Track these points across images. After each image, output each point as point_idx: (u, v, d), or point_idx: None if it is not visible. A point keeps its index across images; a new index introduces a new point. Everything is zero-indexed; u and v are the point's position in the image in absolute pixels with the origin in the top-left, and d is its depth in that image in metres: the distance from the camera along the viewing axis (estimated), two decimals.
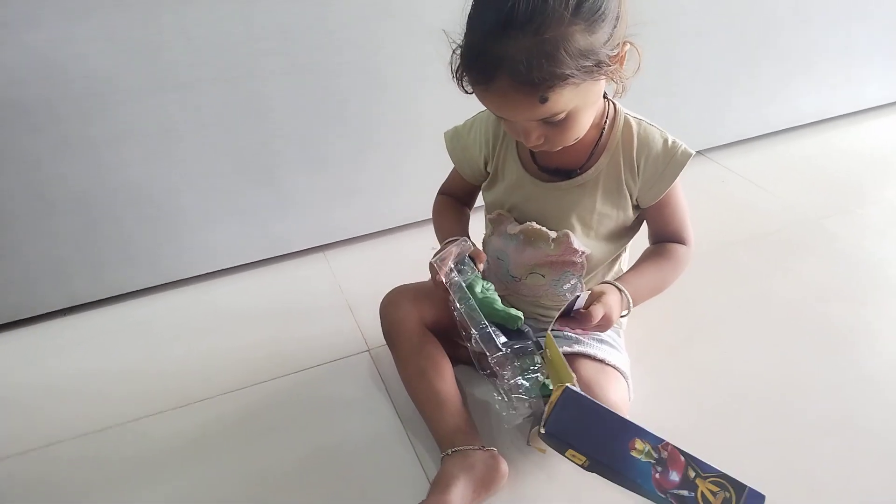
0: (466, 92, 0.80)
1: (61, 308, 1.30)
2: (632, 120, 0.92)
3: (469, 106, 1.00)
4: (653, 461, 0.73)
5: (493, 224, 1.00)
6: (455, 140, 1.01)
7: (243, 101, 1.23)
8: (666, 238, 0.97)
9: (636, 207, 0.95)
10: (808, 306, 1.18)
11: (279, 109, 1.26)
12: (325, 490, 0.91)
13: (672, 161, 0.90)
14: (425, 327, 1.00)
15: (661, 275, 0.95)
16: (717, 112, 1.70)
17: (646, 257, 0.97)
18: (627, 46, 0.78)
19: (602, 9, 0.73)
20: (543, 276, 0.97)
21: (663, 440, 0.75)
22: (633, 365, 1.01)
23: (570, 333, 0.94)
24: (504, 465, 0.89)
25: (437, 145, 1.04)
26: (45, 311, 1.29)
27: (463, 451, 0.89)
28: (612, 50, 0.76)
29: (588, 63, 0.73)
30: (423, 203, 1.11)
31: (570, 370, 0.79)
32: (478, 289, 0.88)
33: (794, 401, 1.00)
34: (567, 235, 0.92)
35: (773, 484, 0.86)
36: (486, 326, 0.84)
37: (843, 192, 1.53)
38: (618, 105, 0.93)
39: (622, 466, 0.73)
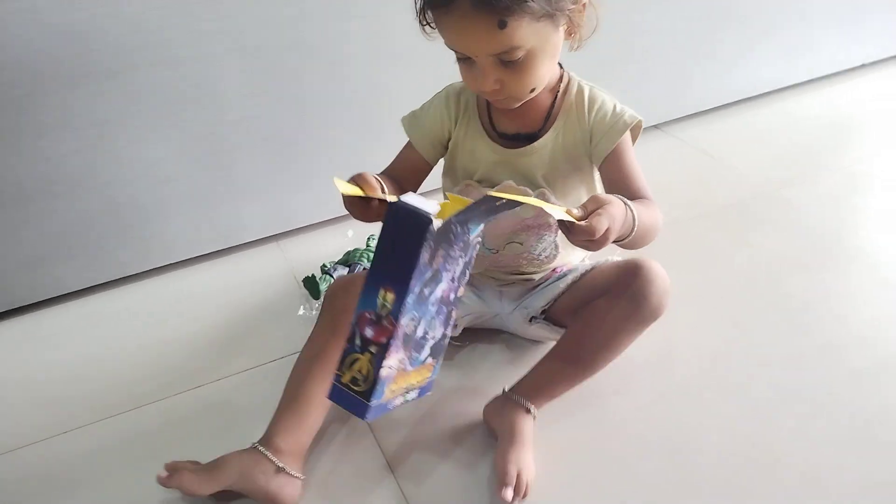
0: (431, 27, 0.81)
1: (2, 311, 1.24)
2: (584, 84, 0.94)
3: (428, 87, 0.98)
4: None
5: (462, 195, 0.97)
6: (413, 122, 1.00)
7: (187, 86, 1.17)
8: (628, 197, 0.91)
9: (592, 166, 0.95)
10: (768, 276, 1.18)
11: (227, 93, 1.20)
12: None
13: (619, 121, 0.90)
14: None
15: (653, 213, 0.86)
16: (676, 83, 1.68)
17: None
18: (586, 2, 0.80)
19: None
20: (521, 244, 0.97)
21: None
22: None
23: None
24: (288, 499, 0.85)
25: (393, 130, 1.00)
26: None
27: (265, 456, 0.84)
28: None
29: None
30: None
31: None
32: None
33: (755, 371, 0.99)
34: (544, 194, 0.92)
35: (734, 456, 0.86)
36: None
37: (801, 161, 1.53)
38: (571, 73, 0.94)
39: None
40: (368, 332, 0.71)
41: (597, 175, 0.96)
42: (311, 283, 1.17)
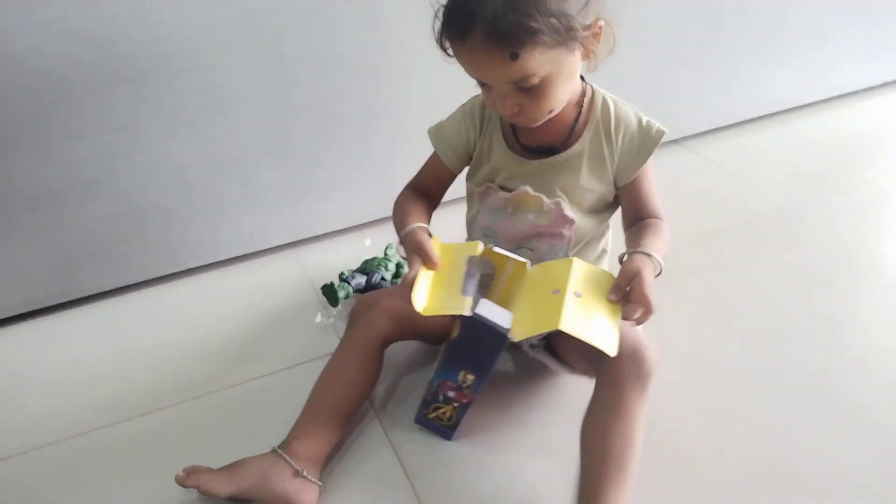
0: (448, 55, 0.83)
1: (21, 312, 1.26)
2: (608, 98, 0.95)
3: (450, 98, 0.99)
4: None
5: (480, 198, 1.00)
6: (439, 133, 1.02)
7: (210, 94, 1.18)
8: (647, 214, 0.95)
9: (614, 184, 0.96)
10: (787, 293, 1.18)
11: (246, 101, 1.22)
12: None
13: (647, 139, 0.92)
14: (381, 347, 0.96)
15: (666, 237, 0.91)
16: (692, 100, 1.69)
17: (643, 228, 0.92)
18: (602, 23, 0.82)
19: None
20: (532, 251, 0.97)
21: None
22: None
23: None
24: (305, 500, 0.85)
25: (412, 140, 1.02)
26: (4, 317, 1.25)
27: (283, 459, 0.85)
28: (586, 20, 0.80)
29: (558, 25, 0.76)
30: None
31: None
32: None
33: (777, 388, 0.99)
34: (559, 203, 0.94)
35: (758, 472, 0.86)
36: None
37: (819, 178, 1.53)
38: (594, 86, 0.95)
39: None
40: (450, 394, 0.89)
41: (613, 186, 0.97)
42: (329, 291, 1.18)
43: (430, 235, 0.91)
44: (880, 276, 1.21)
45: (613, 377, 0.83)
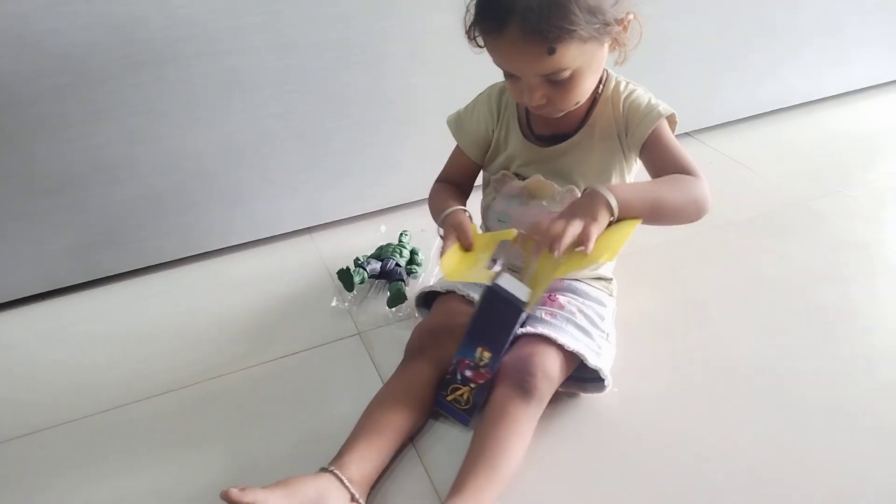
0: (479, 46, 0.84)
1: (42, 292, 1.27)
2: (622, 80, 0.96)
3: (465, 88, 1.00)
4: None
5: (496, 186, 1.02)
6: (458, 123, 1.04)
7: (228, 79, 1.19)
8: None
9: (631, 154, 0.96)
10: (797, 287, 1.18)
11: (263, 87, 1.23)
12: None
13: (653, 110, 0.92)
14: (433, 390, 0.95)
15: (658, 186, 0.89)
16: (706, 93, 1.68)
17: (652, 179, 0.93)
18: (631, 16, 0.83)
19: None
20: None
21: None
22: (620, 343, 1.02)
23: (545, 317, 0.95)
24: None
25: (428, 128, 1.03)
26: (24, 296, 1.26)
27: (342, 482, 0.80)
28: (619, 14, 0.80)
29: (595, 21, 0.77)
30: (413, 185, 1.10)
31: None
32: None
33: (784, 382, 1.00)
34: (572, 191, 0.95)
35: (763, 467, 0.87)
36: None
37: (832, 173, 1.53)
38: (610, 71, 0.96)
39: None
40: (468, 373, 0.91)
41: (635, 165, 0.98)
42: (345, 276, 1.19)
43: (471, 219, 0.94)
44: (890, 272, 1.21)
45: (500, 390, 0.88)
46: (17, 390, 1.08)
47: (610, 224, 0.82)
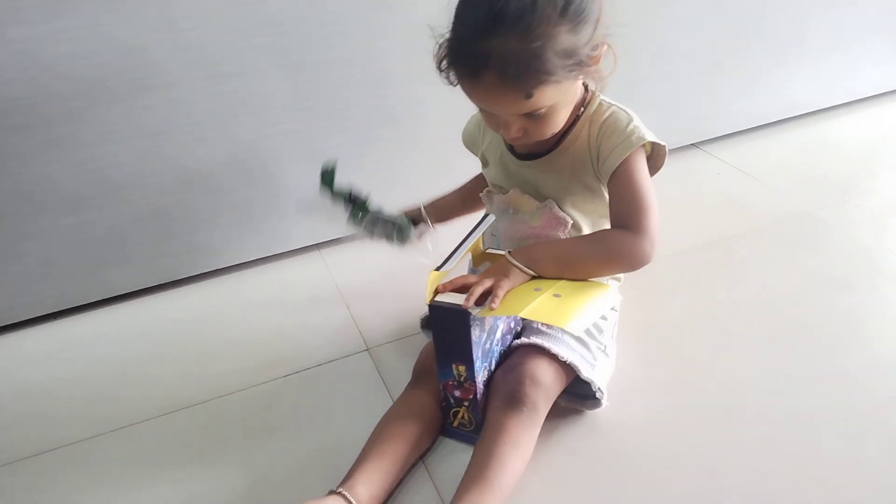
0: (450, 83, 0.84)
1: (52, 311, 1.29)
2: (605, 104, 0.93)
3: (466, 104, 1.01)
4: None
5: (486, 201, 1.06)
6: (466, 135, 1.09)
7: (235, 99, 1.21)
8: (616, 221, 0.92)
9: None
10: (804, 296, 1.18)
11: (271, 107, 1.24)
12: (325, 493, 0.90)
13: (626, 140, 0.89)
14: (438, 402, 0.95)
15: (574, 247, 0.92)
16: (712, 104, 1.69)
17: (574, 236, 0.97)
18: (605, 48, 0.82)
19: (586, 10, 0.77)
20: None
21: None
22: (627, 355, 1.02)
23: (542, 327, 0.96)
24: None
25: (434, 142, 1.04)
26: (35, 316, 1.28)
27: (349, 501, 0.80)
28: (593, 51, 0.80)
29: (570, 62, 0.78)
30: (419, 199, 1.10)
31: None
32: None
33: (794, 392, 0.99)
34: (549, 204, 0.96)
35: (773, 477, 0.86)
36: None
37: (839, 182, 1.53)
38: (597, 94, 0.94)
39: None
40: (457, 393, 0.91)
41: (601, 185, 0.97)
42: (328, 178, 1.13)
43: (424, 214, 1.07)
44: None
45: (492, 402, 0.89)
46: (29, 409, 1.09)
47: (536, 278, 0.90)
